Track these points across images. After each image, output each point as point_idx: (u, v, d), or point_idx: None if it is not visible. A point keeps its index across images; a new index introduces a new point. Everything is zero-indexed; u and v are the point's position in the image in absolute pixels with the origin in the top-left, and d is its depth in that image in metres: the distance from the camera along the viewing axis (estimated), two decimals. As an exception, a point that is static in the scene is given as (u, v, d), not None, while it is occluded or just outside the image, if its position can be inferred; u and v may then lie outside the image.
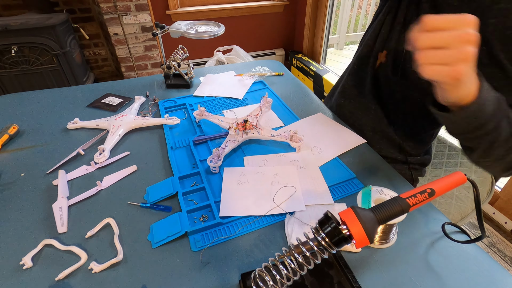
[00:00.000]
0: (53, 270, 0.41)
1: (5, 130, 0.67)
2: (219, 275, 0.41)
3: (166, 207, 0.50)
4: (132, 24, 2.07)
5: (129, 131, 0.71)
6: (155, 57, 2.27)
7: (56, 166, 0.60)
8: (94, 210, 0.51)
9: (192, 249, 0.44)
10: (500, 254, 1.24)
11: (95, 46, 2.43)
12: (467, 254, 0.43)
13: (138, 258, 0.43)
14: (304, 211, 0.49)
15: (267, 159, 0.61)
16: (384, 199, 0.43)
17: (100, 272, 0.41)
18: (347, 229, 0.32)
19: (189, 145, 0.66)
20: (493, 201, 1.37)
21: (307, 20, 2.39)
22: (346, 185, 0.55)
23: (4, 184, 0.56)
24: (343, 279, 0.39)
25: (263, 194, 0.53)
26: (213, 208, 0.49)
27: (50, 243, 0.45)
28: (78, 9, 2.22)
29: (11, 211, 0.50)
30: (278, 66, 1.06)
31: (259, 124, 0.67)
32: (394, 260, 0.42)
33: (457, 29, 0.32)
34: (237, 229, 0.47)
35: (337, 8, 2.43)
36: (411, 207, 0.34)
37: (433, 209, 0.51)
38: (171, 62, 0.89)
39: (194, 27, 0.88)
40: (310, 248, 0.33)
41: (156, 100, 0.83)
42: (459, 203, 0.80)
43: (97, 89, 0.89)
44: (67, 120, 0.73)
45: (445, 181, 0.36)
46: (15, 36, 1.71)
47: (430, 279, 0.40)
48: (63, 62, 1.89)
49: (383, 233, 0.43)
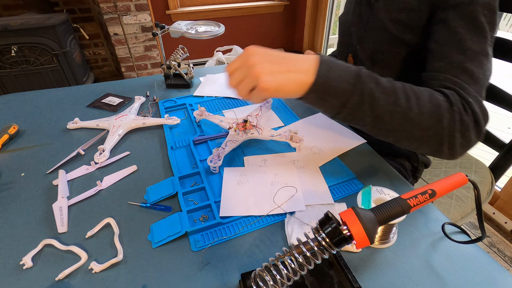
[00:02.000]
0: (53, 270, 0.41)
1: (5, 130, 0.67)
2: (219, 275, 0.41)
3: (166, 207, 0.50)
4: (132, 24, 2.07)
5: (129, 131, 0.71)
6: (155, 57, 2.27)
7: (56, 166, 0.60)
8: (94, 210, 0.51)
9: (192, 249, 0.44)
10: (500, 254, 1.24)
11: (95, 46, 2.43)
12: (467, 254, 0.43)
13: (138, 258, 0.43)
14: (304, 211, 0.49)
15: (267, 159, 0.61)
16: (384, 199, 0.43)
17: (100, 272, 0.41)
18: (348, 230, 0.32)
19: (189, 145, 0.66)
20: (493, 201, 1.37)
21: (307, 20, 2.39)
22: (346, 185, 0.55)
23: (4, 184, 0.56)
24: (343, 279, 0.39)
25: (263, 194, 0.53)
26: (213, 208, 0.49)
27: (50, 243, 0.45)
28: (78, 9, 2.22)
29: (11, 211, 0.50)
30: (278, 66, 1.06)
31: (259, 124, 0.67)
32: (394, 260, 0.42)
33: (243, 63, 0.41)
34: (237, 229, 0.47)
35: (337, 8, 2.43)
36: (411, 208, 0.34)
37: (433, 209, 0.51)
38: (171, 62, 0.89)
39: (194, 27, 0.88)
40: (310, 248, 0.33)
41: (156, 100, 0.83)
42: (459, 203, 0.80)
43: (97, 89, 0.89)
44: (67, 120, 0.73)
45: (446, 182, 0.36)
46: (15, 36, 1.71)
47: (430, 279, 0.40)
48: (63, 62, 1.89)
49: (383, 233, 0.43)
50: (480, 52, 0.47)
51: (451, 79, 0.46)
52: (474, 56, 0.46)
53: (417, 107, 0.42)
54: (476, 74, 0.46)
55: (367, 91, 0.41)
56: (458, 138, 0.43)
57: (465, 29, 0.47)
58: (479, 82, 0.46)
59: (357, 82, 0.41)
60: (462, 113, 0.43)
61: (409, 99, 0.43)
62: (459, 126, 0.43)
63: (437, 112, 0.43)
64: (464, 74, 0.46)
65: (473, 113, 0.43)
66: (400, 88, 0.44)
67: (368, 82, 0.42)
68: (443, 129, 0.43)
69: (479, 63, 0.46)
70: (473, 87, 0.45)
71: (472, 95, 0.44)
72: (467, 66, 0.46)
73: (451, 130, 0.43)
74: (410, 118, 0.43)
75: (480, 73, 0.46)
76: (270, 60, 0.41)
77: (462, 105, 0.44)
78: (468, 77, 0.46)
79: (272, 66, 0.40)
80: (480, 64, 0.46)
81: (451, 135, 0.43)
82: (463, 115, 0.43)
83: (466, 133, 0.43)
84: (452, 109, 0.43)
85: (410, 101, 0.43)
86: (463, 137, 0.44)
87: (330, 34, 2.32)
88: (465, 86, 0.45)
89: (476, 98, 0.44)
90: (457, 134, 0.43)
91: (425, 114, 0.43)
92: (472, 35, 0.47)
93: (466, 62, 0.46)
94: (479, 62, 0.46)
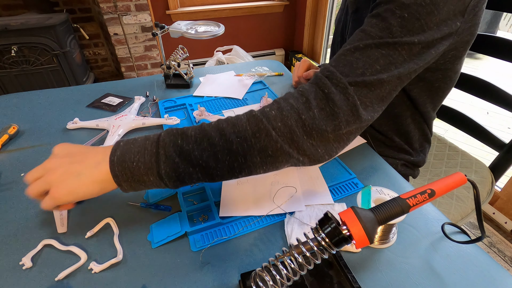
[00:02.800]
0: (53, 270, 0.41)
1: (5, 130, 0.67)
2: (219, 275, 0.41)
3: (166, 207, 0.50)
4: (132, 24, 2.07)
5: (129, 131, 0.71)
6: (155, 57, 2.27)
7: (56, 166, 0.60)
8: (94, 210, 0.51)
9: (192, 249, 0.44)
10: (500, 254, 1.24)
11: (95, 46, 2.43)
12: (467, 254, 0.43)
13: (138, 258, 0.43)
14: (304, 211, 0.49)
15: (267, 159, 0.61)
16: (384, 199, 0.43)
17: (100, 272, 0.41)
18: (347, 230, 0.32)
19: (189, 145, 0.66)
20: (493, 201, 1.37)
21: (307, 20, 2.40)
22: (346, 185, 0.55)
23: (4, 184, 0.56)
24: (343, 279, 0.39)
25: (263, 194, 0.53)
26: (213, 208, 0.49)
27: (50, 243, 0.45)
28: (78, 9, 2.23)
29: (11, 211, 0.50)
30: (278, 66, 1.06)
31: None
32: (394, 260, 0.42)
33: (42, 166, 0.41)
34: (237, 229, 0.47)
35: (337, 8, 2.43)
36: (411, 208, 0.34)
37: (433, 209, 0.51)
38: (171, 62, 0.89)
39: (194, 27, 0.88)
40: (310, 248, 0.33)
41: (156, 100, 0.83)
42: (459, 203, 0.80)
43: (97, 89, 0.89)
44: (67, 120, 0.73)
45: (445, 182, 0.36)
46: (15, 36, 1.71)
47: (430, 279, 0.40)
48: (63, 62, 1.89)
49: (383, 233, 0.43)
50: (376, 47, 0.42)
51: (327, 68, 0.43)
52: (366, 51, 0.42)
53: (237, 136, 0.39)
54: (360, 69, 0.41)
55: (173, 151, 0.39)
56: (303, 140, 0.40)
57: (371, 25, 0.44)
58: (359, 76, 0.41)
59: (158, 148, 0.39)
60: (301, 112, 0.40)
61: (223, 132, 0.40)
62: (296, 130, 0.39)
63: (260, 129, 0.39)
64: (344, 66, 0.42)
65: (330, 105, 0.40)
66: (212, 127, 0.41)
67: (171, 142, 0.39)
68: (277, 142, 0.39)
69: (370, 59, 0.42)
70: (348, 79, 0.41)
71: (340, 86, 0.41)
72: (351, 59, 0.42)
73: (287, 138, 0.39)
74: (236, 151, 0.39)
75: (366, 69, 0.41)
76: (66, 161, 0.40)
77: (302, 103, 0.40)
78: (348, 69, 0.42)
79: (67, 166, 0.40)
80: (370, 60, 0.42)
81: (291, 141, 0.40)
82: (303, 113, 0.40)
83: (311, 132, 0.40)
84: (281, 116, 0.40)
85: (225, 135, 0.39)
86: (310, 137, 0.40)
87: (330, 34, 2.32)
88: (337, 76, 0.41)
89: (344, 89, 0.40)
90: (297, 138, 0.40)
91: (249, 139, 0.39)
92: (377, 30, 0.43)
93: (354, 54, 0.43)
94: (371, 57, 0.42)
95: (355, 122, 0.41)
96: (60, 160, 0.41)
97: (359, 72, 0.41)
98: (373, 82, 0.41)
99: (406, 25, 0.41)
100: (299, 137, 0.40)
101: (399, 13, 0.41)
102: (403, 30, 0.41)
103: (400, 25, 0.41)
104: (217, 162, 0.39)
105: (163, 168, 0.39)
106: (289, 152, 0.40)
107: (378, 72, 0.41)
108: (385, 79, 0.42)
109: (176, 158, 0.39)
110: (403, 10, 0.41)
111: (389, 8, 0.42)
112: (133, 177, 0.39)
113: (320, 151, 0.41)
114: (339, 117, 0.40)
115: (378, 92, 0.43)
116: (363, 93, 0.41)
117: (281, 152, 0.40)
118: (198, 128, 0.41)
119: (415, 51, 0.43)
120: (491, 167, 0.88)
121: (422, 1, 0.41)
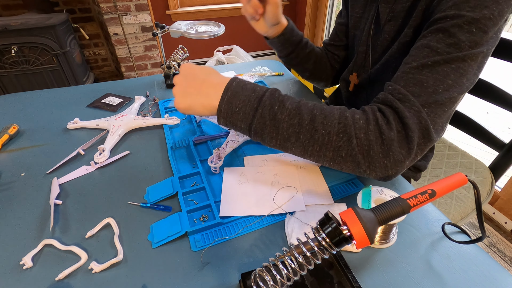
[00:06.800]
0: (53, 270, 0.41)
1: (5, 130, 0.67)
2: (219, 275, 0.41)
3: (166, 207, 0.50)
4: (132, 24, 2.07)
5: (129, 131, 0.71)
6: (155, 57, 2.27)
7: (56, 166, 0.60)
8: (94, 210, 0.51)
9: (192, 249, 0.44)
10: (500, 254, 1.24)
11: (95, 46, 2.43)
12: (467, 254, 0.43)
13: (138, 258, 0.43)
14: (304, 211, 0.49)
15: (267, 159, 0.61)
16: (384, 199, 0.43)
17: (100, 272, 0.41)
18: (348, 230, 0.32)
19: (189, 145, 0.66)
20: (493, 201, 1.37)
21: (307, 20, 2.40)
22: (346, 185, 0.55)
23: (4, 184, 0.56)
24: (343, 279, 0.39)
25: (263, 194, 0.53)
26: (213, 208, 0.49)
27: (50, 243, 0.45)
28: (78, 9, 2.23)
29: (11, 211, 0.50)
30: (278, 66, 1.06)
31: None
32: (394, 260, 0.42)
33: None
34: (237, 229, 0.47)
35: (337, 8, 2.43)
36: (411, 208, 0.34)
37: (433, 209, 0.51)
38: (171, 62, 0.89)
39: (194, 27, 0.88)
40: (310, 248, 0.33)
41: (156, 100, 0.83)
42: (459, 203, 0.80)
43: (97, 89, 0.89)
44: (67, 120, 0.73)
45: (445, 182, 0.36)
46: (15, 36, 1.71)
47: (430, 279, 0.40)
48: (63, 62, 1.89)
49: (383, 233, 0.43)
50: (445, 62, 0.42)
51: (397, 89, 0.43)
52: (434, 67, 0.42)
53: (323, 128, 0.41)
54: (432, 87, 0.42)
55: (268, 114, 0.43)
56: (378, 158, 0.41)
57: (437, 41, 0.43)
58: (431, 95, 0.41)
59: (259, 106, 0.43)
60: (383, 131, 0.41)
61: (314, 119, 0.42)
62: (375, 146, 0.41)
63: (345, 132, 0.41)
64: (415, 85, 0.42)
65: (405, 129, 0.41)
66: (308, 109, 0.43)
67: (270, 105, 0.43)
68: (353, 150, 0.41)
69: (440, 75, 0.42)
70: (420, 100, 0.41)
71: (413, 109, 0.41)
72: (421, 77, 0.43)
73: (365, 150, 0.41)
74: (316, 139, 0.42)
75: (437, 86, 0.42)
76: (187, 83, 0.47)
77: (385, 123, 0.41)
78: (419, 89, 0.42)
79: (186, 88, 0.47)
80: (440, 76, 0.42)
81: (366, 155, 0.41)
82: (384, 133, 0.41)
83: (388, 153, 0.41)
84: (366, 129, 0.41)
85: (315, 122, 0.42)
86: (386, 157, 0.41)
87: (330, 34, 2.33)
88: (409, 98, 0.42)
89: (418, 113, 0.41)
90: (374, 155, 0.41)
91: (332, 135, 0.41)
92: (444, 46, 0.42)
93: (423, 72, 0.43)
94: (441, 73, 0.42)
95: (425, 144, 0.42)
96: (182, 79, 0.48)
97: (430, 90, 0.42)
98: (445, 102, 0.42)
99: (475, 39, 0.41)
100: (376, 153, 0.41)
101: (467, 28, 0.41)
102: (472, 44, 0.41)
103: (469, 40, 0.41)
104: (297, 140, 0.43)
105: (255, 123, 0.43)
106: (360, 163, 0.42)
107: (450, 87, 0.42)
108: (456, 96, 0.42)
109: (268, 121, 0.43)
110: (471, 25, 0.41)
111: (456, 24, 0.42)
112: (232, 118, 0.44)
113: (391, 172, 0.42)
114: (413, 141, 0.41)
115: (450, 112, 0.44)
116: (437, 115, 0.42)
117: (353, 159, 0.42)
118: (296, 103, 0.44)
119: (480, 60, 0.43)
120: (491, 167, 0.88)
121: (491, 14, 0.40)
